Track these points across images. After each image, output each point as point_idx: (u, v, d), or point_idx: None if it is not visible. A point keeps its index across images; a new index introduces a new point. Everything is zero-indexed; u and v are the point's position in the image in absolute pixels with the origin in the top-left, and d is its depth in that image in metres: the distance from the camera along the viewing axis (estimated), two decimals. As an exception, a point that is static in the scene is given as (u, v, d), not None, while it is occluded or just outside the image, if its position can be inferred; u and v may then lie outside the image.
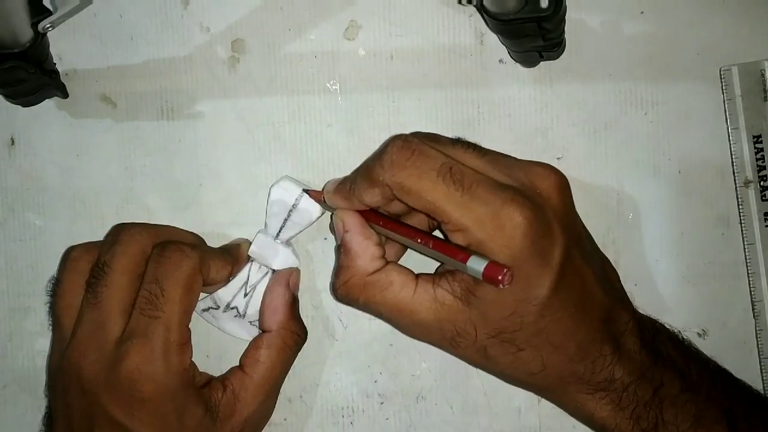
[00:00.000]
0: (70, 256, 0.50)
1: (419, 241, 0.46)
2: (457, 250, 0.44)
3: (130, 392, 0.46)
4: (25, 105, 0.54)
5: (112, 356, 0.46)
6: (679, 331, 0.50)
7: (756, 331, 0.52)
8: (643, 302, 0.50)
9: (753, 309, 0.52)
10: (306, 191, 0.51)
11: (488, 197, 0.43)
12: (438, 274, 0.46)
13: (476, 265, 0.43)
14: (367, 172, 0.45)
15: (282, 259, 0.51)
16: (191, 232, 0.51)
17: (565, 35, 0.50)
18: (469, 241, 0.44)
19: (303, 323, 0.51)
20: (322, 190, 0.50)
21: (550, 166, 0.47)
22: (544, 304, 0.44)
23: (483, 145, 0.50)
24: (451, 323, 0.45)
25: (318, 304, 0.54)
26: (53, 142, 0.55)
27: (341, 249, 0.48)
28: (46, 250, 0.54)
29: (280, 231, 0.51)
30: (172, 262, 0.47)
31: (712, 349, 0.50)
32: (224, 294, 0.52)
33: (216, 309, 0.52)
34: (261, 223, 0.52)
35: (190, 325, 0.48)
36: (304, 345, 0.51)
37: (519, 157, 0.49)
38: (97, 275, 0.47)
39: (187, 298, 0.47)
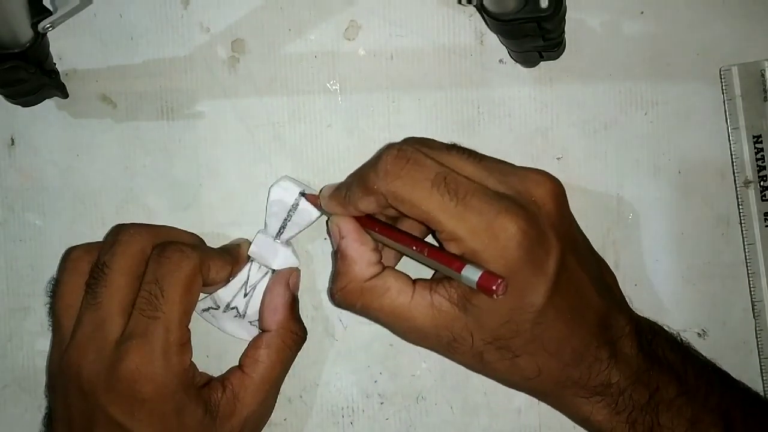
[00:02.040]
0: (69, 256, 0.50)
1: (414, 248, 0.46)
2: (451, 259, 0.44)
3: (129, 393, 0.46)
4: (25, 105, 0.54)
5: (111, 357, 0.46)
6: (678, 333, 0.50)
7: (756, 331, 0.52)
8: (643, 302, 0.50)
9: (753, 309, 0.52)
10: (303, 194, 0.51)
11: (482, 207, 0.43)
12: (435, 280, 0.46)
13: (470, 274, 0.43)
14: (361, 180, 0.46)
15: (282, 259, 0.51)
16: (191, 233, 0.51)
17: (565, 35, 0.50)
18: (464, 250, 0.44)
19: (303, 323, 0.51)
20: (319, 194, 0.50)
21: (545, 172, 0.47)
22: (540, 311, 0.44)
23: (483, 146, 0.50)
24: (447, 329, 0.45)
25: (318, 304, 0.54)
26: (53, 142, 0.55)
27: (338, 255, 0.48)
28: (46, 250, 0.54)
29: (280, 231, 0.51)
30: (172, 262, 0.47)
31: (712, 349, 0.50)
32: (224, 294, 0.52)
33: (216, 309, 0.52)
34: (261, 223, 0.52)
35: (190, 326, 0.48)
36: (304, 345, 0.51)
37: (519, 157, 0.49)
38: (97, 276, 0.47)
39: (187, 298, 0.47)
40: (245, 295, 0.52)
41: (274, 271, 0.51)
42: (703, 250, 0.53)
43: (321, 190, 0.49)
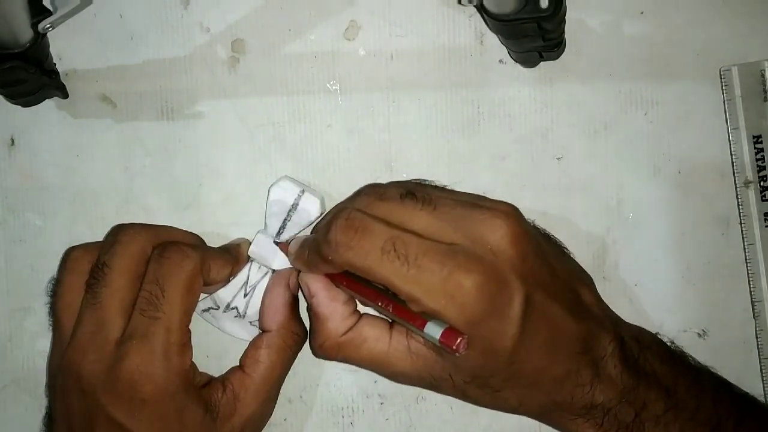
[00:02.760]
0: (70, 256, 0.50)
1: (380, 304, 0.46)
2: (414, 317, 0.44)
3: (130, 393, 0.46)
4: (25, 105, 0.54)
5: (112, 357, 0.46)
6: (672, 341, 0.50)
7: (756, 331, 0.52)
8: (643, 302, 0.50)
9: (753, 309, 0.52)
10: (276, 243, 0.51)
11: (434, 267, 0.43)
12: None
13: (432, 332, 0.43)
14: (317, 249, 0.46)
15: (282, 259, 0.51)
16: (191, 233, 0.51)
17: (565, 35, 0.50)
18: (423, 310, 0.44)
19: (303, 323, 0.51)
20: (288, 243, 0.50)
21: (501, 210, 0.45)
22: (511, 353, 0.44)
23: (483, 146, 0.50)
24: (427, 372, 0.47)
25: (318, 304, 0.54)
26: (53, 142, 0.55)
27: (310, 313, 0.49)
28: (46, 250, 0.54)
29: (279, 231, 0.51)
30: (173, 262, 0.47)
31: (712, 349, 0.50)
32: (224, 294, 0.52)
33: (216, 309, 0.52)
34: (261, 223, 0.52)
35: (191, 326, 0.48)
36: (305, 345, 0.51)
37: (519, 157, 0.49)
38: (97, 276, 0.47)
39: (188, 298, 0.47)
40: (245, 295, 0.52)
41: (274, 271, 0.51)
42: (703, 250, 0.53)
43: (290, 244, 0.50)
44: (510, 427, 0.53)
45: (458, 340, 0.43)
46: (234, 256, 0.51)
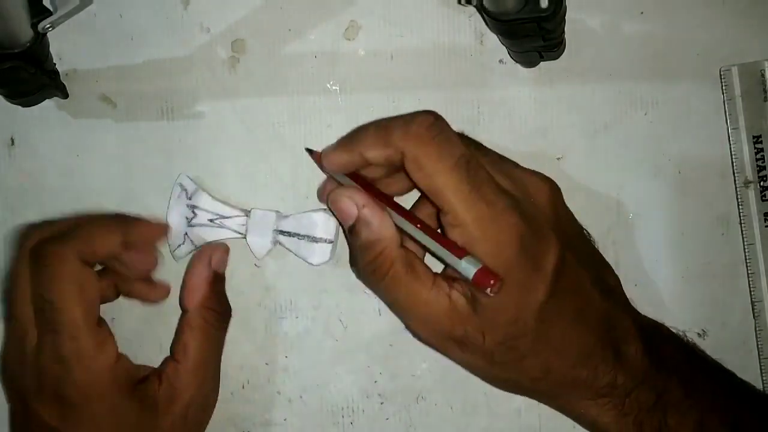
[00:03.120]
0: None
1: (418, 226, 0.45)
2: (453, 245, 0.44)
3: (58, 401, 0.46)
4: (25, 105, 0.54)
5: (34, 368, 0.46)
6: (684, 333, 0.50)
7: (756, 331, 0.52)
8: (643, 302, 0.50)
9: (753, 309, 0.52)
10: (307, 150, 0.51)
11: (493, 199, 0.44)
12: (448, 276, 0.46)
13: (469, 266, 0.43)
14: (384, 131, 0.45)
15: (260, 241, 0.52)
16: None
17: (565, 35, 0.50)
18: (465, 238, 0.44)
19: (225, 299, 0.51)
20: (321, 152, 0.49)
21: (543, 175, 0.48)
22: (542, 308, 0.44)
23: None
24: (462, 326, 0.45)
25: (318, 304, 0.54)
26: (53, 142, 0.55)
27: (359, 226, 0.46)
28: (46, 250, 0.54)
29: (280, 231, 0.52)
30: (49, 269, 0.46)
31: (712, 349, 0.50)
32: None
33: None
34: (261, 223, 0.52)
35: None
36: (305, 345, 0.51)
37: (519, 157, 0.49)
38: (7, 287, 0.48)
39: (82, 296, 0.46)
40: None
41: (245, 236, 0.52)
42: (703, 250, 0.53)
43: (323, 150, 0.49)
44: (510, 427, 0.53)
45: (493, 279, 0.42)
46: (121, 219, 0.50)
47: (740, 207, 0.52)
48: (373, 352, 0.53)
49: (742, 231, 0.52)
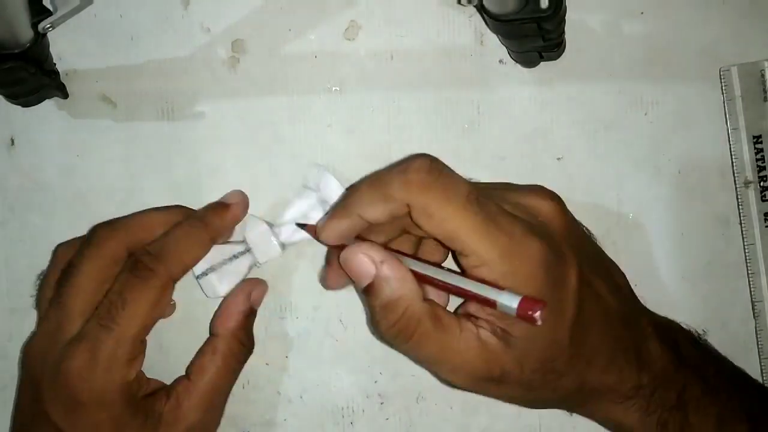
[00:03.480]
0: (56, 252, 0.51)
1: (440, 279, 0.43)
2: (487, 285, 0.42)
3: (67, 393, 0.46)
4: (25, 105, 0.54)
5: (60, 355, 0.46)
6: (699, 333, 0.50)
7: (756, 331, 0.52)
8: (643, 303, 0.50)
9: (753, 309, 0.52)
10: (299, 225, 0.50)
11: (510, 229, 0.42)
12: (471, 315, 0.44)
13: (509, 301, 0.41)
14: (381, 184, 0.43)
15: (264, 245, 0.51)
16: (170, 211, 0.50)
17: (565, 35, 0.50)
18: (494, 275, 0.42)
19: (252, 337, 0.51)
20: (315, 224, 0.48)
21: (542, 188, 0.46)
22: (572, 327, 0.43)
23: (483, 146, 0.50)
24: (497, 363, 0.43)
25: (318, 304, 0.54)
26: (53, 142, 0.55)
27: (377, 285, 0.43)
28: (46, 250, 0.54)
29: (282, 232, 0.52)
30: (141, 280, 0.46)
31: (712, 349, 0.51)
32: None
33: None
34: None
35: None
36: (304, 345, 0.51)
37: (519, 157, 0.49)
38: (65, 275, 0.48)
39: (150, 314, 0.47)
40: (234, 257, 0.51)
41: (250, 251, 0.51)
42: (703, 250, 0.53)
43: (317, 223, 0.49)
44: (510, 427, 0.53)
45: (538, 306, 0.40)
46: (212, 232, 0.50)
47: (740, 207, 0.52)
48: (374, 352, 0.53)
49: (742, 231, 0.52)
